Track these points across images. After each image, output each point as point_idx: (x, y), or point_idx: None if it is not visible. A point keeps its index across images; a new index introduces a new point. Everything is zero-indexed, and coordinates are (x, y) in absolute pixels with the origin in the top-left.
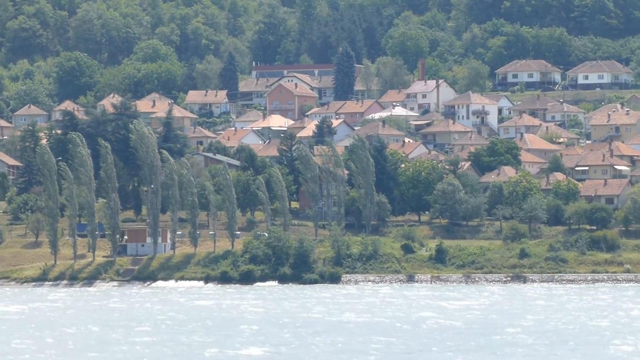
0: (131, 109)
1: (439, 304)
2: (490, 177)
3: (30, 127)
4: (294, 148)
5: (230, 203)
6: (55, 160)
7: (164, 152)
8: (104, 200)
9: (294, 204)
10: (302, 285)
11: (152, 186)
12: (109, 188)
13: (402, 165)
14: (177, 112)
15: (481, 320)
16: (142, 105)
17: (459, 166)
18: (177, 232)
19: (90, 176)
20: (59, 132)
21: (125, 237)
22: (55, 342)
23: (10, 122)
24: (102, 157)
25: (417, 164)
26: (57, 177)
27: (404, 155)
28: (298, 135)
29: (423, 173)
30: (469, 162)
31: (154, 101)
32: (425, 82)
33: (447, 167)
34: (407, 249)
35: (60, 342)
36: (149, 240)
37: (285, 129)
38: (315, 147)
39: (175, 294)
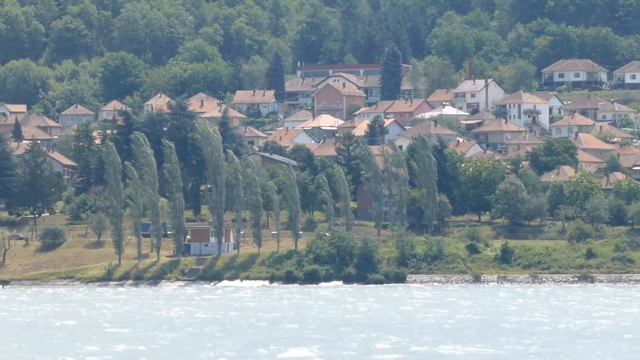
0: (187, 109)
1: None
2: (550, 177)
3: (84, 127)
4: (351, 147)
5: (293, 202)
6: (120, 160)
7: (230, 151)
8: (164, 200)
9: (352, 204)
10: (367, 286)
11: (217, 186)
12: (173, 188)
13: (462, 165)
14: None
15: None
16: (191, 105)
17: (520, 166)
18: (240, 232)
19: (155, 176)
20: (114, 131)
21: (188, 236)
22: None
23: (57, 122)
24: (166, 157)
25: (478, 164)
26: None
27: (462, 154)
28: (340, 134)
29: (483, 173)
30: (528, 162)
31: (201, 101)
32: (474, 81)
33: (508, 166)
34: (473, 249)
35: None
36: (212, 240)
37: (335, 128)
38: (370, 146)
39: (288, 294)
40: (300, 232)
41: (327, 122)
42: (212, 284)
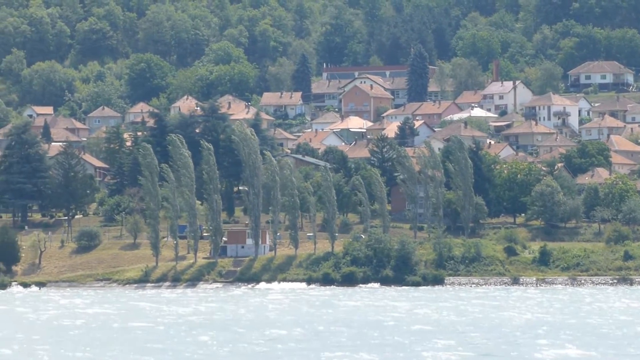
0: (220, 111)
1: None
2: (584, 179)
3: (114, 129)
4: (384, 149)
5: (330, 204)
6: (157, 162)
7: (267, 153)
8: (199, 202)
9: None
10: (405, 288)
11: (254, 187)
12: (210, 190)
13: (497, 167)
14: (253, 114)
15: None
16: (223, 107)
17: (554, 168)
18: (277, 234)
19: (192, 178)
20: (145, 133)
21: (225, 238)
22: None
23: (84, 124)
24: (204, 159)
25: (513, 166)
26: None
27: (496, 155)
28: (375, 137)
29: (519, 175)
30: (562, 164)
31: (229, 103)
32: (502, 83)
33: (543, 168)
34: (510, 251)
35: None
36: (249, 241)
37: (364, 130)
38: (406, 148)
39: (355, 297)
40: (336, 234)
41: (356, 124)
42: (250, 285)
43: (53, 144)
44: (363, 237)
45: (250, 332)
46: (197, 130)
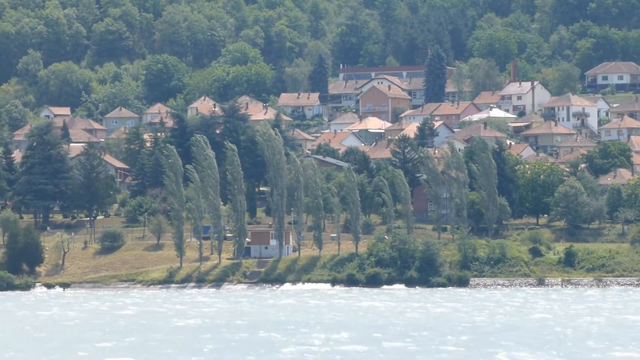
0: (240, 112)
1: None
2: (607, 180)
3: (134, 130)
4: (406, 150)
5: (354, 205)
6: (181, 163)
7: (292, 153)
8: (221, 203)
9: None
10: (430, 289)
11: (278, 188)
12: (235, 190)
13: (520, 167)
14: (272, 115)
15: None
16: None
17: (578, 168)
18: (300, 234)
19: (217, 178)
20: (166, 134)
21: (248, 239)
22: None
23: (101, 125)
24: (229, 159)
25: (536, 167)
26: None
27: (518, 156)
28: (397, 137)
29: (542, 176)
30: (585, 165)
31: (246, 104)
32: (520, 83)
33: (566, 169)
34: (535, 252)
35: None
36: (272, 242)
37: (383, 131)
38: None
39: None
40: (359, 235)
41: (375, 124)
42: (275, 286)
43: (72, 144)
44: (386, 238)
45: (308, 333)
46: (217, 131)
